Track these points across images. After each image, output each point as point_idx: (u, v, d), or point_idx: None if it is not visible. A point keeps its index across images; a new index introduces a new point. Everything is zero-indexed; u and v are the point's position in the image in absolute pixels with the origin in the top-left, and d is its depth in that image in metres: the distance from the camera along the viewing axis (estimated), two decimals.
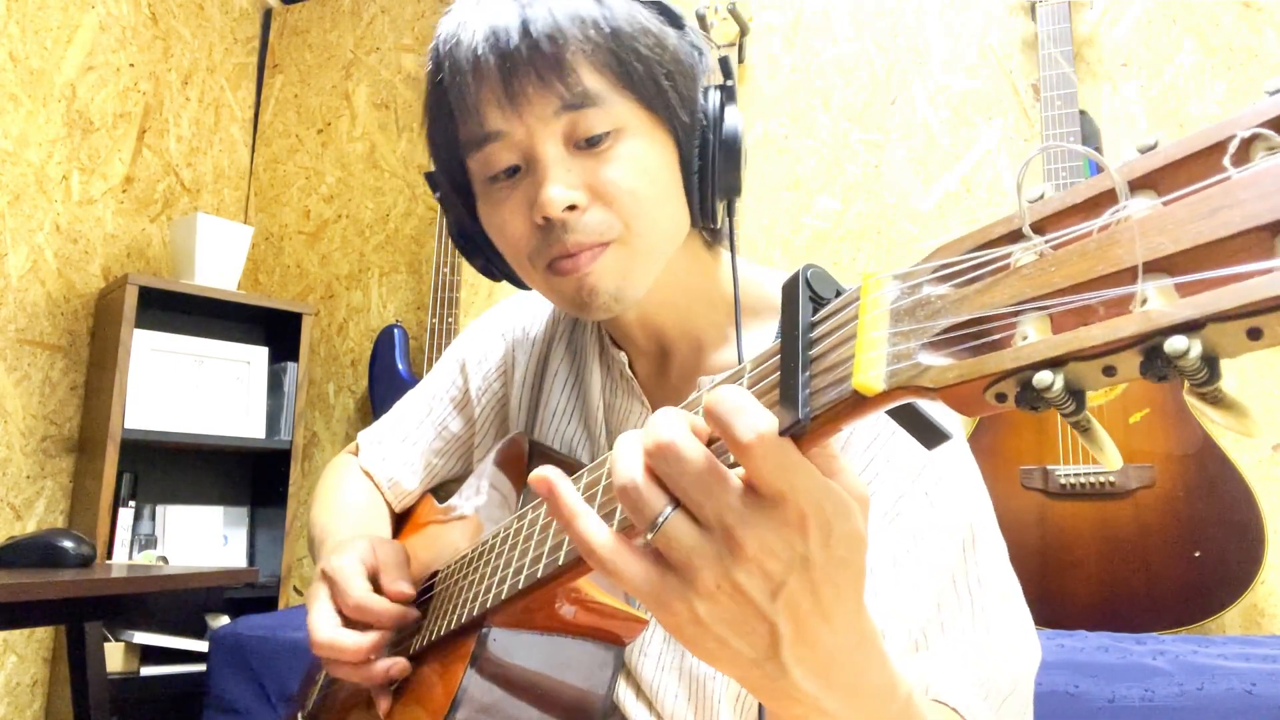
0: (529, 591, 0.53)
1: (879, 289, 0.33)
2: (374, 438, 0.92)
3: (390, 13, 2.81)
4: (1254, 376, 1.67)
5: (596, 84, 0.59)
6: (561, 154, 0.60)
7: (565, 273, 0.61)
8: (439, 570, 0.71)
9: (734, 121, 0.63)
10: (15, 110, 2.27)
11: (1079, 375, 0.26)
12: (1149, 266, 0.25)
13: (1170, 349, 0.24)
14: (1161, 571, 1.49)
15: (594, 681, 0.60)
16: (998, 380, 0.28)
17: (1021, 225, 0.29)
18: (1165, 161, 0.26)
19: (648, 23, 0.62)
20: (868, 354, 0.32)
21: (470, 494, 0.76)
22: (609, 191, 0.60)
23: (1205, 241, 0.24)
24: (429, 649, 0.65)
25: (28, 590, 1.17)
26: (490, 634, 0.58)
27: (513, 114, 0.59)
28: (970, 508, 0.62)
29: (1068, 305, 0.26)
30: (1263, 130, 0.25)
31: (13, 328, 2.24)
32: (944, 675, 0.56)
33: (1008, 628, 0.60)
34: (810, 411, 0.34)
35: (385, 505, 0.88)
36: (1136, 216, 0.26)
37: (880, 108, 2.07)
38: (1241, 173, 0.24)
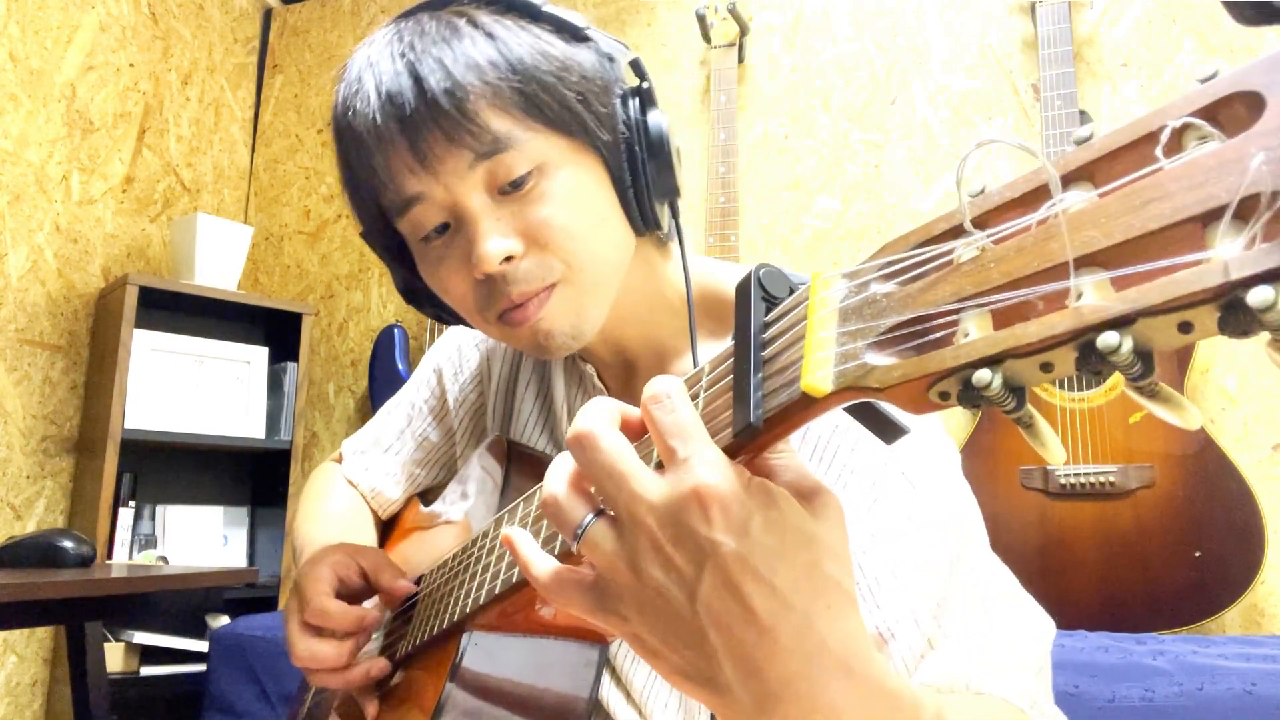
0: (507, 595, 0.53)
1: (828, 288, 0.33)
2: (357, 447, 0.92)
3: (390, 13, 2.81)
4: (1254, 376, 1.67)
5: (505, 126, 0.57)
6: (487, 204, 0.58)
7: (517, 324, 0.60)
8: (423, 576, 0.71)
9: (657, 122, 0.61)
10: (15, 110, 2.27)
11: (1017, 372, 0.26)
12: (1084, 260, 0.25)
13: (1103, 345, 0.24)
14: (1161, 571, 1.49)
15: (578, 681, 0.60)
16: (940, 379, 0.28)
17: (963, 221, 0.29)
18: (1100, 153, 0.26)
19: (549, 46, 0.59)
20: (816, 355, 0.32)
21: (455, 499, 0.76)
22: (543, 234, 0.58)
23: (1136, 235, 0.24)
24: (414, 654, 0.65)
25: (28, 590, 1.17)
26: (472, 638, 0.58)
27: (427, 176, 0.57)
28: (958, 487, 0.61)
29: (1007, 302, 0.27)
30: (1193, 119, 0.25)
31: (13, 328, 2.24)
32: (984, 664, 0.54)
33: (1023, 600, 0.59)
34: (762, 414, 0.34)
35: (370, 512, 0.88)
36: (1071, 210, 0.26)
37: (880, 108, 2.07)
38: (1173, 163, 0.24)
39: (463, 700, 0.57)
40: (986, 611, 0.57)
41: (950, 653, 0.54)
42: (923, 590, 0.56)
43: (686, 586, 0.33)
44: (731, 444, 0.35)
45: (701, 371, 0.40)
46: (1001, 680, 0.53)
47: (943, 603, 0.56)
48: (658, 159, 0.61)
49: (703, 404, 0.38)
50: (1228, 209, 0.22)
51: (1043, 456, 0.29)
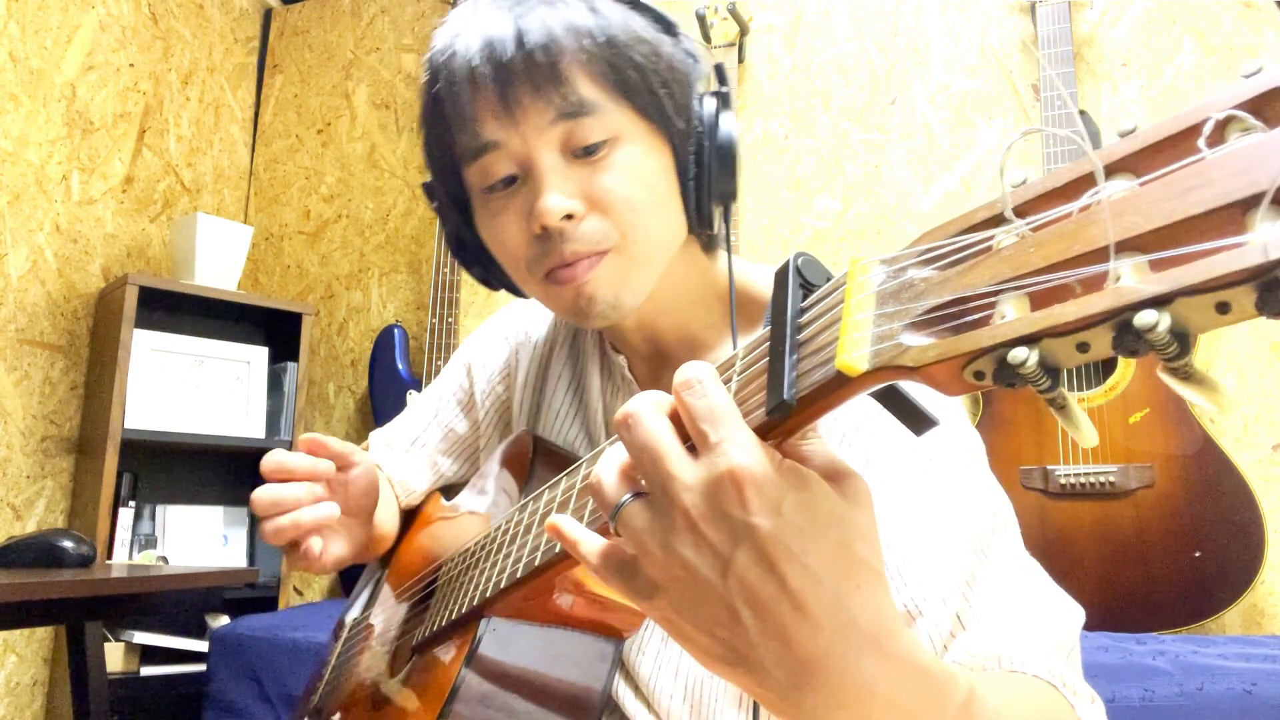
0: (527, 580, 0.53)
1: (866, 273, 0.34)
2: (384, 439, 0.93)
3: (390, 13, 2.81)
4: (1254, 376, 1.67)
5: (592, 93, 0.59)
6: (558, 163, 0.60)
7: (563, 282, 0.61)
8: (443, 562, 0.72)
9: (729, 128, 0.63)
10: (15, 110, 2.27)
11: (1053, 352, 0.27)
12: (1124, 245, 0.25)
13: (1140, 323, 0.24)
14: (1161, 571, 1.49)
15: (592, 675, 0.60)
16: (975, 358, 0.28)
17: (1004, 209, 0.29)
18: (1142, 145, 0.27)
19: (643, 31, 0.62)
20: (852, 335, 0.32)
21: (475, 493, 0.77)
22: (605, 200, 0.60)
23: (1177, 219, 0.24)
24: (432, 639, 0.66)
25: (28, 590, 1.17)
26: (490, 623, 0.58)
27: (509, 124, 0.59)
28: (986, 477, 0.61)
29: (1045, 284, 0.27)
30: (1236, 112, 0.25)
31: (13, 328, 2.24)
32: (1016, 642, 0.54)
33: (1051, 585, 0.60)
34: (796, 392, 0.34)
35: (394, 497, 0.89)
36: (1112, 198, 0.26)
37: (880, 108, 2.07)
38: (1215, 153, 0.25)
39: (478, 685, 0.57)
40: (1017, 593, 0.57)
41: (982, 631, 0.55)
42: (951, 569, 0.56)
43: (720, 565, 0.34)
44: (764, 423, 0.35)
45: (735, 356, 0.40)
46: (1034, 658, 0.53)
47: (972, 582, 0.56)
48: (723, 160, 0.63)
49: (736, 387, 0.39)
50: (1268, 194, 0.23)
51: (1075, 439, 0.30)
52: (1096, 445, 0.30)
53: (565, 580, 0.58)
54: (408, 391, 2.35)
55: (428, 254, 2.60)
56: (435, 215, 2.67)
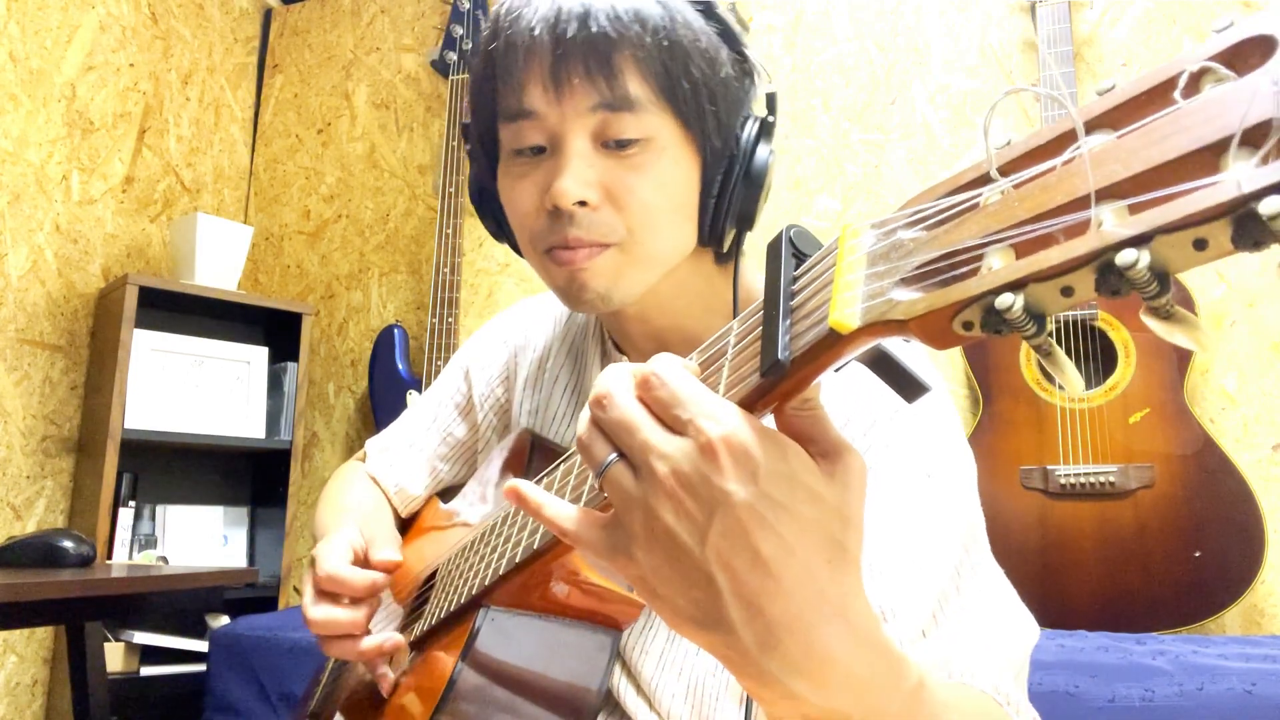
0: (524, 566, 0.54)
1: (856, 237, 0.35)
2: (381, 445, 0.93)
3: (390, 13, 2.81)
4: (1254, 376, 1.67)
5: (639, 90, 0.59)
6: (587, 148, 0.60)
7: (561, 263, 0.62)
8: (439, 565, 0.72)
9: (764, 156, 0.63)
10: (15, 110, 2.27)
11: (1039, 297, 0.28)
12: (1104, 193, 0.26)
13: (1121, 262, 0.25)
14: (1161, 571, 1.49)
15: (591, 666, 0.60)
16: (964, 307, 0.29)
17: (989, 169, 0.30)
18: (1121, 100, 0.28)
19: (706, 42, 0.61)
20: (844, 295, 0.33)
21: (474, 500, 0.77)
22: (623, 197, 0.60)
23: (1155, 165, 0.25)
24: (429, 635, 0.66)
25: (28, 590, 1.17)
26: (488, 613, 0.58)
27: (553, 98, 0.60)
28: (971, 491, 0.63)
29: (1030, 234, 0.28)
30: (1210, 64, 0.26)
31: (13, 328, 2.24)
32: (968, 655, 0.55)
33: (1013, 603, 0.61)
34: (790, 354, 0.35)
35: (390, 508, 0.89)
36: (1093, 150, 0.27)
37: (880, 108, 2.07)
38: (1190, 103, 0.26)
39: (475, 677, 0.57)
40: (980, 609, 0.58)
41: (939, 642, 0.56)
42: (926, 582, 0.58)
43: (697, 531, 0.35)
44: (759, 385, 0.36)
45: (729, 328, 0.41)
46: (982, 673, 0.55)
47: (942, 598, 0.58)
48: (749, 186, 0.63)
49: (731, 355, 0.40)
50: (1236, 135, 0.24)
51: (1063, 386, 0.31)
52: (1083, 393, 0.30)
53: (562, 568, 0.58)
54: (408, 391, 2.35)
55: (428, 254, 2.60)
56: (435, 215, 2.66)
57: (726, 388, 0.38)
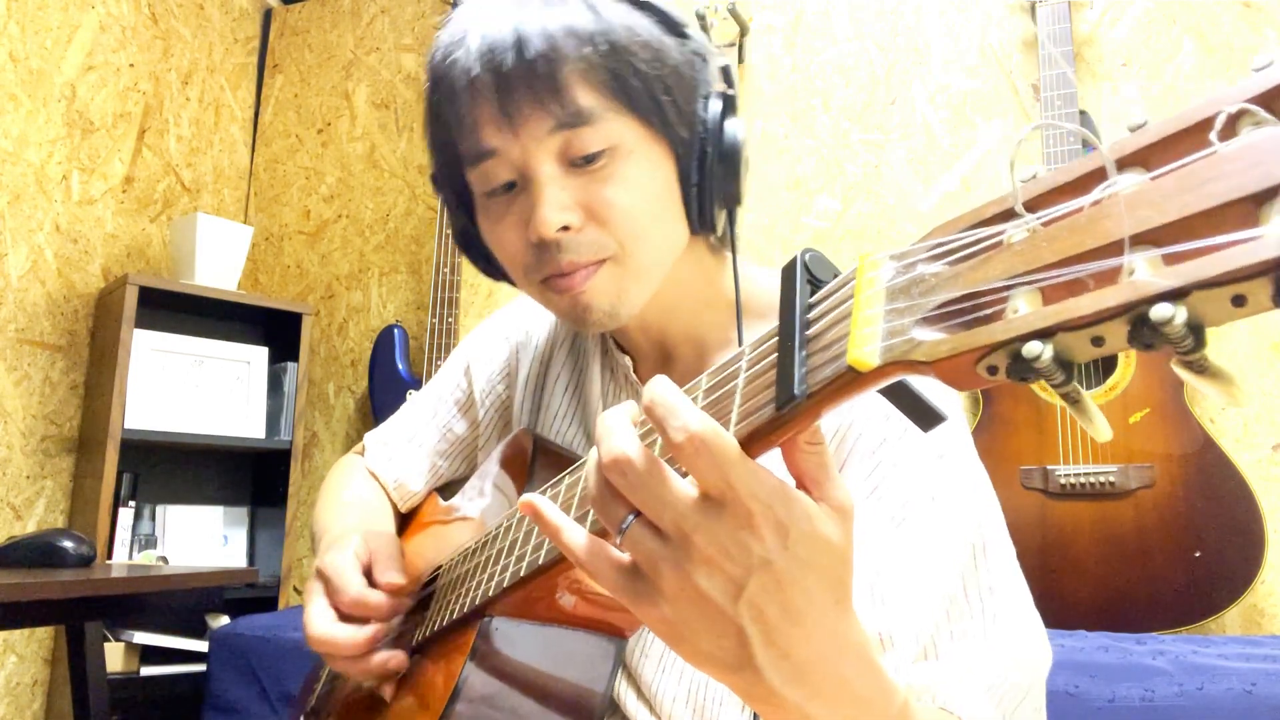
0: (529, 579, 0.53)
1: (875, 269, 0.34)
2: (380, 439, 0.92)
3: (390, 13, 2.81)
4: (1254, 376, 1.67)
5: (591, 102, 0.59)
6: (556, 173, 0.60)
7: (560, 290, 0.62)
8: (441, 566, 0.71)
9: (734, 131, 0.63)
10: (15, 110, 2.27)
11: (1067, 346, 0.27)
12: (1137, 239, 0.25)
13: (1156, 316, 0.24)
14: (1161, 571, 1.49)
15: (595, 674, 0.60)
16: (989, 353, 0.28)
17: (1014, 204, 0.29)
18: (1154, 138, 0.27)
19: (647, 35, 0.61)
20: (863, 330, 0.32)
21: (474, 494, 0.77)
22: (603, 212, 0.60)
23: (1191, 213, 0.24)
24: (431, 640, 0.65)
25: (28, 590, 1.17)
26: (491, 623, 0.58)
27: (508, 132, 0.59)
28: (980, 513, 0.61)
29: (1058, 279, 0.27)
30: (1249, 105, 0.25)
31: (13, 328, 2.24)
32: (952, 684, 0.55)
33: (1020, 633, 0.59)
34: (806, 389, 0.34)
35: (389, 504, 0.88)
36: (1125, 192, 0.26)
37: (880, 108, 2.07)
38: (1227, 147, 0.25)
39: (480, 685, 0.57)
40: (979, 637, 0.57)
41: (931, 669, 0.56)
42: (925, 609, 0.57)
43: (732, 591, 0.36)
44: (772, 418, 0.36)
45: (742, 352, 0.40)
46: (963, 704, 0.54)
47: (938, 626, 0.57)
48: (726, 164, 0.62)
49: (743, 383, 0.39)
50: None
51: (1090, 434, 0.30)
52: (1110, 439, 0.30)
53: (567, 579, 0.57)
54: (408, 391, 2.35)
55: (428, 254, 2.60)
56: (435, 215, 2.66)
57: (739, 417, 0.38)
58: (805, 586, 0.36)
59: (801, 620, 0.36)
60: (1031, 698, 0.58)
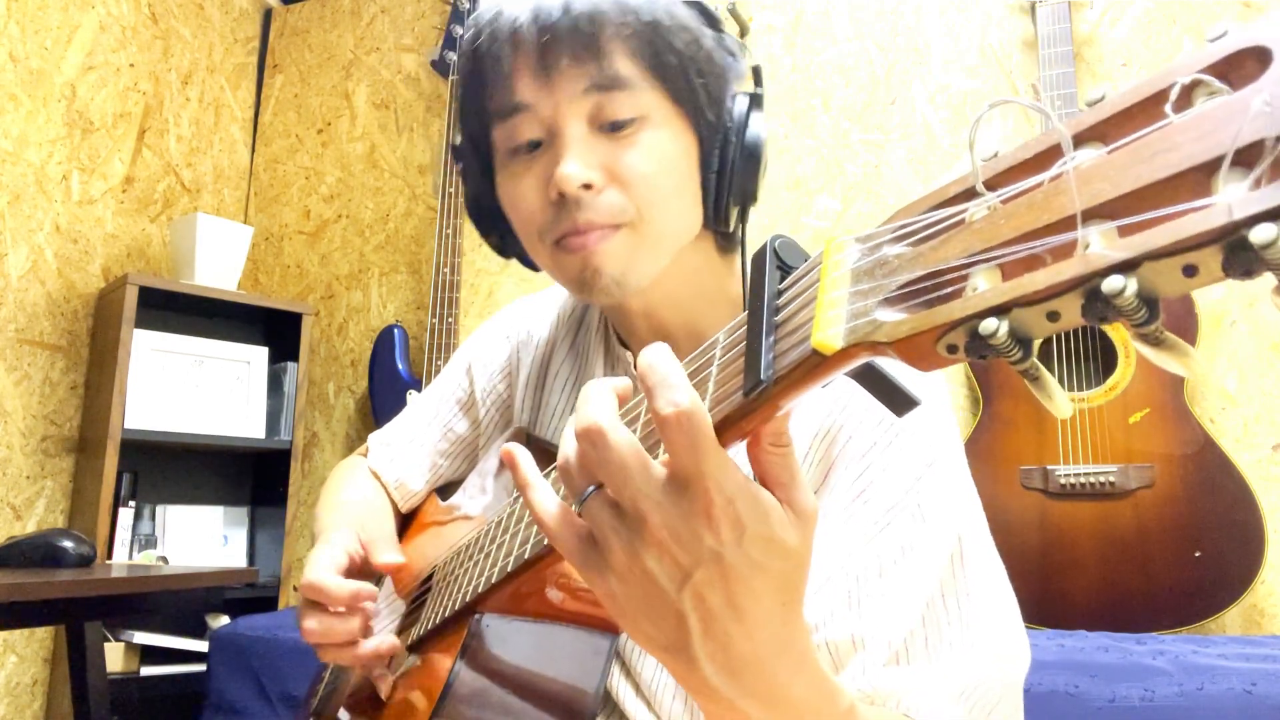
0: (518, 574, 0.53)
1: (841, 252, 0.34)
2: (383, 439, 0.93)
3: (390, 13, 2.81)
4: (1254, 377, 1.67)
5: (628, 69, 0.60)
6: (584, 133, 0.61)
7: (573, 250, 0.62)
8: (436, 565, 0.72)
9: (758, 129, 0.64)
10: (15, 110, 2.27)
11: (1023, 321, 0.27)
12: (1091, 212, 0.25)
13: (1108, 289, 0.24)
14: (1161, 571, 1.49)
15: (587, 669, 0.60)
16: (947, 331, 0.28)
17: (975, 183, 0.30)
18: (1111, 112, 0.27)
19: (687, 20, 0.63)
20: (827, 313, 0.32)
21: (475, 492, 0.77)
22: (626, 176, 0.60)
23: (1144, 185, 0.24)
24: (426, 638, 0.66)
25: (28, 590, 1.17)
26: (483, 620, 0.58)
27: (544, 87, 0.60)
28: (963, 522, 0.61)
29: (1016, 255, 0.27)
30: (1202, 76, 0.25)
31: (13, 328, 2.24)
32: (919, 690, 0.55)
33: (997, 636, 0.59)
34: (773, 374, 0.34)
35: (390, 503, 0.89)
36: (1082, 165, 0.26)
37: (880, 108, 2.07)
38: (1181, 118, 0.25)
39: (471, 681, 0.57)
40: (951, 646, 0.57)
41: (898, 674, 0.56)
42: (904, 614, 0.57)
43: (679, 576, 0.36)
44: (741, 404, 0.36)
45: (716, 340, 0.40)
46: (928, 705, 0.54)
47: (914, 631, 0.57)
48: (747, 160, 0.63)
49: (716, 371, 0.39)
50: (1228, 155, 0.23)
51: (1049, 409, 0.30)
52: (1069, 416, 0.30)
53: (556, 574, 0.58)
54: (408, 391, 2.35)
55: (428, 254, 2.60)
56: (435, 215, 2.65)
57: (712, 404, 0.38)
58: (752, 586, 0.36)
59: (743, 617, 0.37)
60: (1006, 700, 0.58)
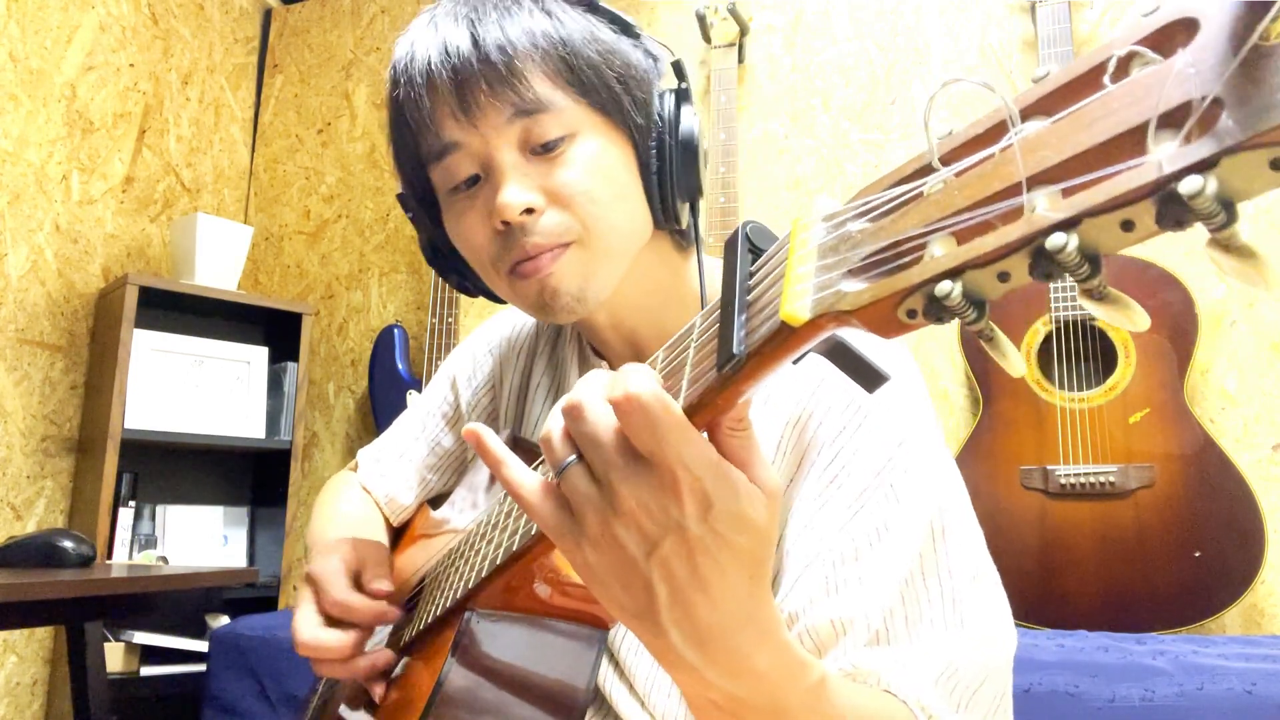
0: (506, 567, 0.54)
1: (807, 230, 0.36)
2: (372, 455, 0.93)
3: (390, 13, 2.81)
4: (1254, 377, 1.67)
5: (547, 90, 0.61)
6: (517, 160, 0.61)
7: (527, 275, 0.62)
8: (426, 573, 0.72)
9: (689, 123, 0.65)
10: (15, 110, 2.28)
11: (976, 283, 0.28)
12: (1037, 178, 0.27)
13: (1051, 246, 0.26)
14: (1161, 571, 1.49)
15: (578, 664, 0.60)
16: (906, 296, 0.30)
17: (931, 159, 0.31)
18: (1054, 86, 0.29)
19: (599, 31, 0.64)
20: (795, 288, 0.34)
21: (464, 506, 0.77)
22: (565, 194, 0.61)
23: (1084, 149, 0.26)
24: (417, 640, 0.66)
25: (28, 590, 1.17)
26: (472, 617, 0.58)
27: (468, 124, 0.61)
28: (940, 497, 0.60)
29: (969, 222, 0.29)
30: (1137, 48, 0.26)
31: (13, 328, 2.24)
32: (900, 667, 0.55)
33: (980, 617, 0.58)
34: (745, 349, 0.36)
35: (382, 518, 0.89)
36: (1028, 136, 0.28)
37: (880, 108, 2.07)
38: (1117, 87, 0.26)
39: (462, 679, 0.57)
40: (931, 624, 0.57)
41: (879, 653, 0.56)
42: (883, 593, 0.57)
43: (646, 546, 0.38)
44: (717, 379, 0.37)
45: (692, 326, 0.42)
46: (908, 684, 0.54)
47: (894, 610, 0.57)
48: (685, 155, 0.64)
49: (693, 353, 0.41)
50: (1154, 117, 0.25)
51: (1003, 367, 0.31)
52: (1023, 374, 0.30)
53: (543, 569, 0.58)
54: (408, 391, 2.35)
55: None
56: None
57: (689, 383, 0.39)
58: (718, 559, 0.38)
59: (708, 588, 0.38)
60: (991, 681, 0.58)
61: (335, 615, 0.67)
